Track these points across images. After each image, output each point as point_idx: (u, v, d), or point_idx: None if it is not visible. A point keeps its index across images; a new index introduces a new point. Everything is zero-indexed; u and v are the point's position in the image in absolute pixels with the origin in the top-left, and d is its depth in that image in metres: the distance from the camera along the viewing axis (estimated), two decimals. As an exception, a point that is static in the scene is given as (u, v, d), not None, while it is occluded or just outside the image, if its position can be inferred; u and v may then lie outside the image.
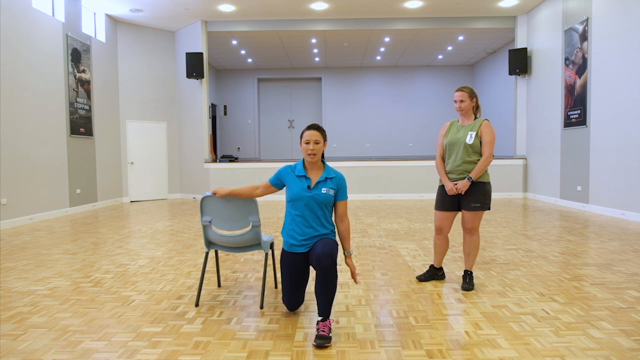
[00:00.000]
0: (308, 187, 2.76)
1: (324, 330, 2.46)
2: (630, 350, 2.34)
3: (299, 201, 2.76)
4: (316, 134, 2.75)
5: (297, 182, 2.79)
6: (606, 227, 5.90)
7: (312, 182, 2.78)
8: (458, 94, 3.36)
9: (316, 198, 2.74)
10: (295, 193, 2.76)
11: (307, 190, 2.75)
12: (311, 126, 2.80)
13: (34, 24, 7.27)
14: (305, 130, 2.79)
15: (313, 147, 2.73)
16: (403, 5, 9.11)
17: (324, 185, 2.77)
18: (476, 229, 3.37)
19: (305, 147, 2.75)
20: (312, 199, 2.74)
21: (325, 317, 2.53)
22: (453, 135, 3.38)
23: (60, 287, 3.57)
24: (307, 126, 2.82)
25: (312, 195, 2.74)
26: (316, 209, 2.76)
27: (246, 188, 2.94)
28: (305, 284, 2.94)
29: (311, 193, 2.74)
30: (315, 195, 2.74)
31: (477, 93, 3.42)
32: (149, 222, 6.94)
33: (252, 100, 14.98)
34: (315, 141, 2.74)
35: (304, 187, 2.76)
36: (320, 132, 2.77)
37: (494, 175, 9.81)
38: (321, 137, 2.76)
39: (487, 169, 3.33)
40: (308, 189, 2.75)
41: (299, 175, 2.81)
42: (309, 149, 2.74)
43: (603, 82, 7.11)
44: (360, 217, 7.24)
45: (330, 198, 2.78)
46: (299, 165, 2.84)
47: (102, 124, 9.29)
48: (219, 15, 9.63)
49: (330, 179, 2.80)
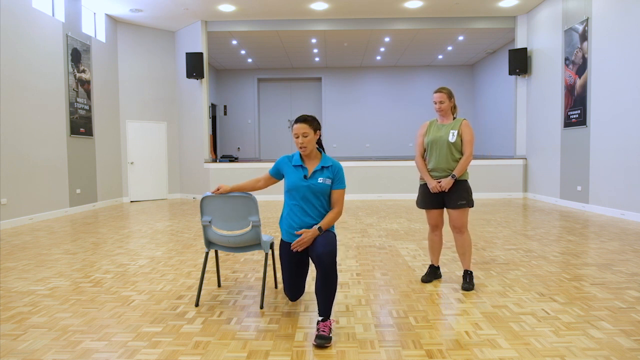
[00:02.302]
0: (304, 176, 2.76)
1: (324, 330, 2.45)
2: (630, 350, 2.34)
3: (295, 191, 2.76)
4: (303, 126, 2.72)
5: (294, 171, 2.79)
6: (606, 227, 5.90)
7: (308, 171, 2.78)
8: (437, 95, 3.44)
9: (312, 188, 2.74)
10: (292, 183, 2.77)
11: (303, 180, 2.75)
12: (298, 119, 2.77)
13: (34, 24, 7.27)
14: (293, 124, 2.77)
15: (302, 141, 2.73)
16: (403, 5, 9.11)
17: (320, 175, 2.76)
18: (465, 226, 3.42)
19: (296, 142, 2.76)
20: (309, 188, 2.74)
21: (325, 317, 2.53)
22: (434, 134, 3.44)
23: (60, 287, 3.57)
24: (295, 119, 2.79)
25: (309, 185, 2.74)
26: (313, 199, 2.76)
27: (248, 182, 2.96)
28: (306, 273, 2.95)
29: (307, 183, 2.74)
30: (311, 184, 2.74)
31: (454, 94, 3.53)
32: (149, 222, 6.94)
33: (252, 100, 14.98)
34: (304, 134, 2.72)
35: (301, 177, 2.76)
36: (307, 124, 2.73)
37: (494, 175, 9.83)
38: (309, 128, 2.73)
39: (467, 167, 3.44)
40: (304, 178, 2.76)
41: (296, 165, 2.81)
42: (298, 142, 2.74)
43: (603, 82, 7.11)
44: (360, 217, 7.24)
45: (327, 187, 2.77)
46: (296, 155, 2.84)
47: (102, 124, 9.29)
48: (219, 15, 9.63)
49: (327, 167, 2.79)
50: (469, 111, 14.41)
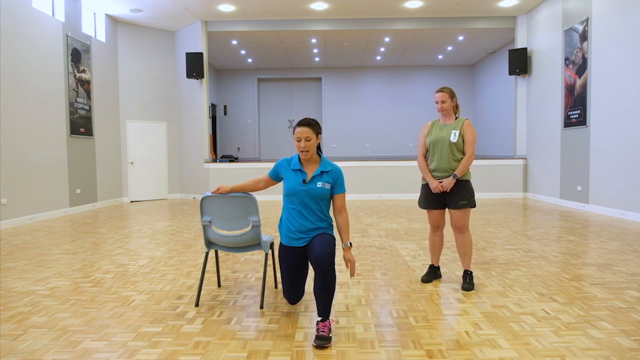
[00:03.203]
0: (303, 181, 2.75)
1: (323, 330, 2.46)
2: (630, 350, 2.34)
3: (294, 195, 2.76)
4: (306, 130, 2.71)
5: (293, 176, 2.79)
6: (606, 227, 5.90)
7: (307, 176, 2.77)
8: (439, 94, 3.43)
9: (311, 192, 2.73)
10: (291, 187, 2.76)
11: (302, 185, 2.74)
12: (301, 122, 2.75)
13: (34, 24, 7.27)
14: (295, 127, 2.75)
15: (304, 145, 2.71)
16: (403, 5, 9.11)
17: (319, 180, 2.76)
18: (466, 226, 3.41)
19: (297, 145, 2.74)
20: (308, 193, 2.73)
21: (324, 317, 2.53)
22: (436, 134, 3.44)
23: (60, 287, 3.57)
24: (297, 122, 2.77)
25: (308, 190, 2.73)
26: (312, 203, 2.75)
27: (249, 182, 2.96)
28: (305, 277, 2.95)
29: (306, 187, 2.74)
30: (310, 189, 2.73)
31: (456, 93, 3.52)
32: (149, 222, 6.94)
33: (252, 100, 14.98)
34: (306, 138, 2.71)
35: (299, 182, 2.75)
36: (310, 128, 2.72)
37: (494, 175, 9.83)
38: (312, 132, 2.72)
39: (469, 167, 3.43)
40: (303, 183, 2.75)
41: (295, 169, 2.80)
42: (300, 146, 2.73)
43: (603, 82, 7.11)
44: (360, 217, 7.24)
45: (326, 192, 2.76)
46: (295, 159, 2.84)
47: (102, 124, 9.29)
48: (219, 15, 9.63)
49: (326, 172, 2.78)
50: (469, 111, 14.41)
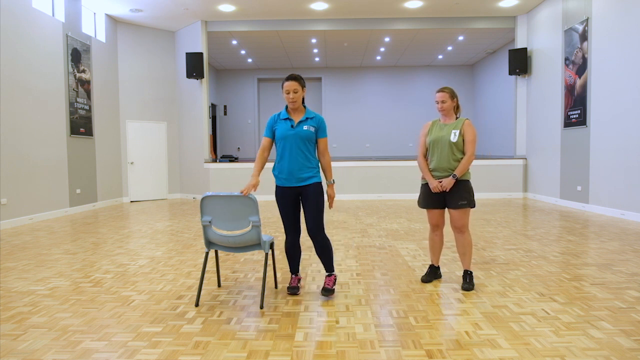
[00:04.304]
0: (291, 126, 3.18)
1: (328, 284, 3.22)
2: (630, 350, 2.34)
3: (284, 139, 3.16)
4: (294, 83, 3.14)
5: (283, 124, 3.22)
6: (606, 227, 5.90)
7: (294, 122, 3.19)
8: (439, 94, 3.45)
9: (299, 134, 3.15)
10: (282, 132, 3.18)
11: (290, 129, 3.17)
12: (289, 77, 3.16)
13: (34, 24, 7.27)
14: (284, 82, 3.16)
15: (293, 96, 3.14)
16: (403, 5, 9.11)
17: (305, 124, 3.19)
18: (466, 226, 3.41)
19: (287, 97, 3.16)
20: (296, 135, 3.15)
21: (330, 272, 3.26)
22: (436, 134, 3.44)
23: (60, 287, 3.57)
24: (285, 77, 3.19)
25: (296, 132, 3.15)
26: (300, 145, 3.15)
27: (259, 160, 3.22)
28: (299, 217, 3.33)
29: (294, 130, 3.16)
30: (298, 132, 3.16)
31: (457, 93, 3.52)
32: (149, 222, 6.94)
33: (252, 100, 14.98)
34: (294, 90, 3.14)
35: (288, 127, 3.18)
36: (297, 82, 3.15)
37: (494, 175, 9.83)
38: (299, 85, 3.15)
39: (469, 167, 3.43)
40: (292, 127, 3.17)
41: (284, 118, 3.23)
42: (289, 98, 3.15)
43: (603, 82, 7.11)
44: (360, 217, 7.24)
45: (312, 134, 3.19)
46: (283, 111, 3.27)
47: (102, 124, 9.29)
48: (219, 15, 9.63)
49: (310, 118, 3.22)
50: (469, 111, 14.41)
